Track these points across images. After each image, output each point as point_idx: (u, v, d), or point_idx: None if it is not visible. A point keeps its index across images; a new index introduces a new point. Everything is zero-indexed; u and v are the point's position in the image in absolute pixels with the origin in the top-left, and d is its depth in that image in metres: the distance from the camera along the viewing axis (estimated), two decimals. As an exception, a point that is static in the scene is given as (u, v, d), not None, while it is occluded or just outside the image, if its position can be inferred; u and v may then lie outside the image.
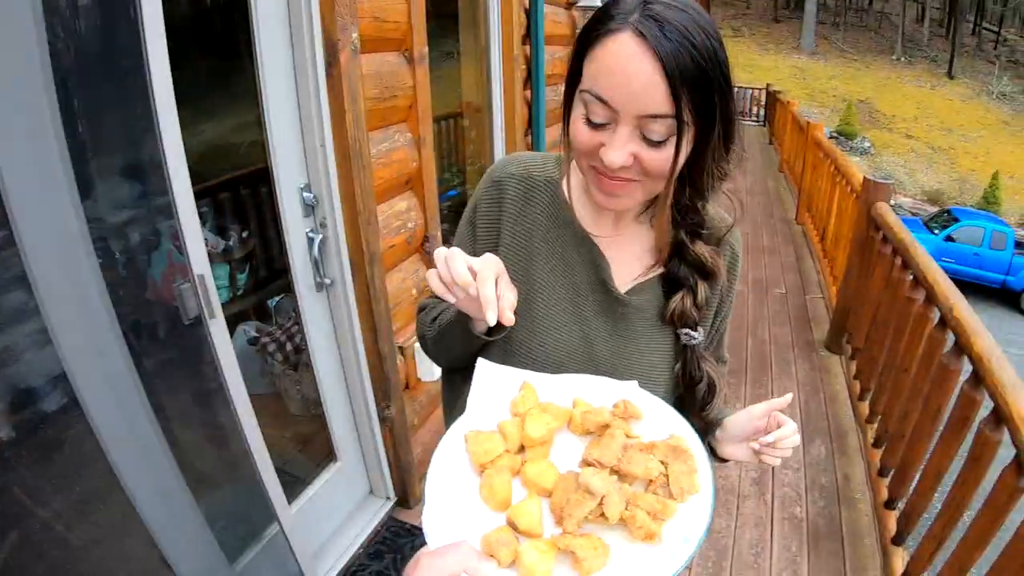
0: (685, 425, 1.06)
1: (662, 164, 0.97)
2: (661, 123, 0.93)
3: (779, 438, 1.12)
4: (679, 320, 1.18)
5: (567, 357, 1.18)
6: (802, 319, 5.66)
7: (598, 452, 0.96)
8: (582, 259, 1.19)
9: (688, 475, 0.95)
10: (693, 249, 1.16)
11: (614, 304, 1.19)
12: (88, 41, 1.71)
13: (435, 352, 1.32)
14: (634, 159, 0.97)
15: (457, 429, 1.03)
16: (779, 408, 1.14)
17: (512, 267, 1.18)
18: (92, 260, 1.64)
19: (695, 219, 1.17)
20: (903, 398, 3.04)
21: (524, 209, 1.22)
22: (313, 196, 2.32)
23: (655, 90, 0.90)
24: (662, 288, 1.21)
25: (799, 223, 8.67)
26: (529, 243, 1.21)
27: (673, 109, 0.91)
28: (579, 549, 0.84)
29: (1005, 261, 15.88)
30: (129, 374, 1.78)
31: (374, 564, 2.75)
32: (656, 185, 1.03)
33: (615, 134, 0.96)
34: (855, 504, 3.30)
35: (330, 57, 2.14)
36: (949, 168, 28.92)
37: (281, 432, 3.27)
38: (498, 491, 0.92)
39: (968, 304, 2.66)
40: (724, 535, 3.08)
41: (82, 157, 1.65)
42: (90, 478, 1.78)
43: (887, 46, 40.88)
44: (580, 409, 1.06)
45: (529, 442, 1.00)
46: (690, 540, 0.88)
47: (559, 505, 0.91)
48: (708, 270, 1.17)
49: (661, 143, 0.96)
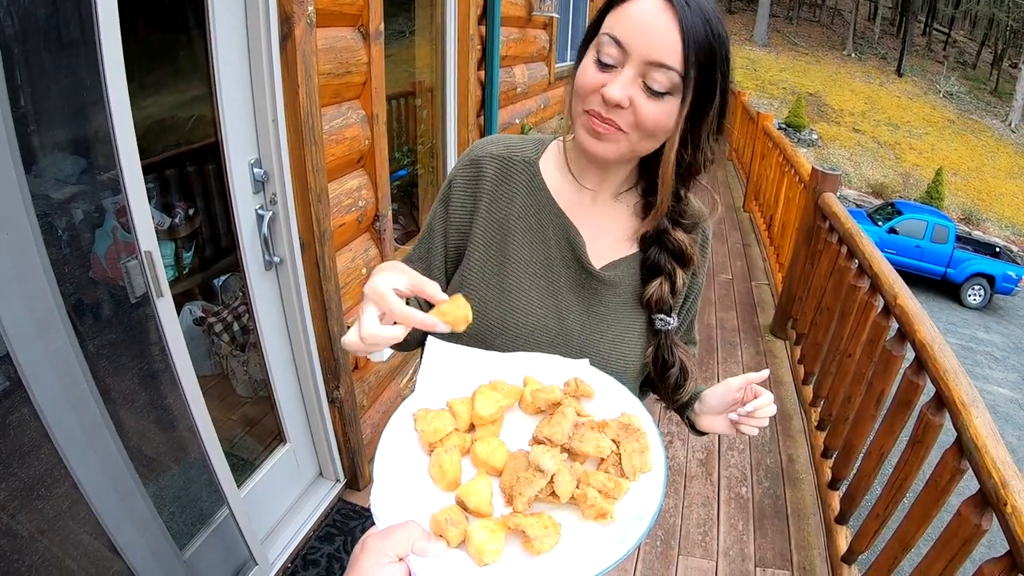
0: (637, 403, 1.06)
1: (654, 118, 1.02)
2: (665, 75, 0.98)
3: (757, 407, 1.14)
4: (656, 306, 1.22)
5: (539, 331, 1.20)
6: (748, 305, 5.75)
7: (549, 430, 0.95)
8: (557, 236, 1.21)
9: (640, 453, 0.95)
10: (675, 236, 1.19)
11: (587, 280, 1.21)
12: (35, 7, 1.65)
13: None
14: (630, 103, 1.01)
15: (406, 408, 1.03)
16: (756, 381, 1.16)
17: (488, 242, 1.22)
18: (36, 237, 1.58)
19: (677, 207, 1.20)
20: (847, 382, 3.12)
21: (502, 187, 1.23)
22: (263, 172, 2.27)
23: (669, 41, 0.96)
24: (640, 272, 1.24)
25: (746, 211, 8.80)
26: (506, 219, 1.22)
27: (681, 65, 0.97)
28: (530, 528, 0.83)
29: (946, 254, 16.32)
30: (74, 355, 1.72)
31: (325, 547, 2.73)
32: (642, 144, 1.07)
33: (620, 74, 1.00)
34: (799, 484, 3.37)
35: (285, 30, 2.10)
36: (894, 163, 29.48)
37: (228, 414, 3.23)
38: (447, 470, 0.91)
39: (911, 293, 2.73)
40: (672, 514, 3.12)
41: (26, 129, 1.59)
42: (35, 464, 1.73)
43: (838, 42, 41.46)
44: (531, 387, 1.05)
45: (479, 420, 1.00)
46: (643, 518, 0.88)
47: (509, 484, 0.90)
48: (687, 258, 1.21)
49: (660, 96, 1.00)
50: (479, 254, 1.23)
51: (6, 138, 1.45)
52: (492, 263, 1.21)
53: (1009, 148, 31.60)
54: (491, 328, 1.20)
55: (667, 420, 3.91)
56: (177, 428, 2.26)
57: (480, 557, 0.80)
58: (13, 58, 1.51)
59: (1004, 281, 16.20)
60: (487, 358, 1.14)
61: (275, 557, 2.61)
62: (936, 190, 24.12)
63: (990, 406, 2.02)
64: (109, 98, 1.58)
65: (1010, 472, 1.79)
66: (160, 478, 2.27)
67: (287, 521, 2.80)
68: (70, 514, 1.83)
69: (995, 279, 16.20)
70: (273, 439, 2.85)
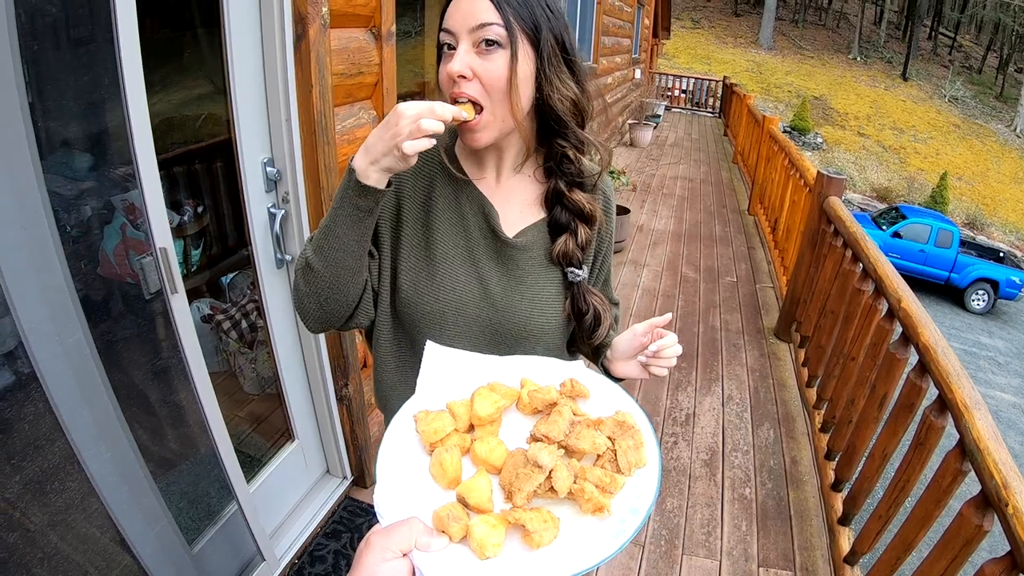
0: (631, 401, 1.09)
1: (494, 73, 1.13)
2: (489, 30, 1.11)
3: (661, 347, 1.21)
4: (564, 260, 1.32)
5: (466, 297, 1.29)
6: (752, 307, 5.76)
7: (546, 428, 0.98)
8: (473, 209, 1.32)
9: (635, 449, 0.97)
10: (571, 196, 1.30)
11: (503, 247, 1.31)
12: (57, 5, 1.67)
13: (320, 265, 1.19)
14: (474, 73, 1.13)
15: (407, 410, 1.05)
16: (660, 325, 1.23)
17: (413, 222, 1.32)
18: (53, 233, 1.60)
19: (571, 169, 1.30)
20: (850, 385, 3.13)
21: (423, 169, 1.32)
22: (276, 171, 2.29)
23: (481, 5, 1.11)
24: (548, 232, 1.34)
25: (751, 214, 8.79)
26: (428, 199, 1.32)
27: (499, 17, 1.11)
28: (529, 522, 0.85)
29: (950, 259, 16.29)
30: (89, 349, 1.74)
31: (331, 543, 2.75)
32: (502, 106, 1.16)
33: (456, 51, 1.13)
34: (803, 486, 3.39)
35: (299, 30, 2.12)
36: (899, 167, 29.49)
37: (235, 411, 3.24)
38: (448, 468, 0.94)
39: (915, 297, 2.75)
40: (676, 515, 3.14)
41: (43, 126, 1.61)
42: (48, 456, 1.75)
43: (844, 45, 41.45)
44: (528, 389, 1.08)
45: (478, 421, 1.03)
46: (639, 511, 0.90)
47: (508, 481, 0.92)
48: (587, 215, 1.31)
49: (493, 47, 1.12)
50: (408, 234, 1.31)
51: (24, 134, 1.47)
52: (419, 241, 1.31)
53: (1014, 153, 31.59)
54: (422, 298, 1.29)
55: (671, 422, 3.93)
56: (188, 424, 2.28)
57: (481, 551, 0.82)
58: (32, 55, 1.53)
59: (1008, 286, 16.16)
60: (484, 361, 1.18)
61: (282, 553, 2.62)
62: (941, 194, 24.11)
63: (993, 411, 2.03)
64: (126, 96, 1.60)
65: (1011, 474, 1.81)
66: (170, 473, 2.29)
67: (294, 517, 2.81)
68: (82, 507, 1.84)
69: (999, 284, 16.15)
70: (281, 436, 2.87)
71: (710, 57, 38.03)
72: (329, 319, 1.27)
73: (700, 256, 7.08)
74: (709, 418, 4.00)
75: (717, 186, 10.78)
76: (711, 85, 21.32)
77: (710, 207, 9.30)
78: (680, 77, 22.17)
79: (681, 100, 21.67)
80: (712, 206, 9.37)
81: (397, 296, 1.32)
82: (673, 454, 3.62)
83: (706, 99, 21.32)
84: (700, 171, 11.91)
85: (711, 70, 32.47)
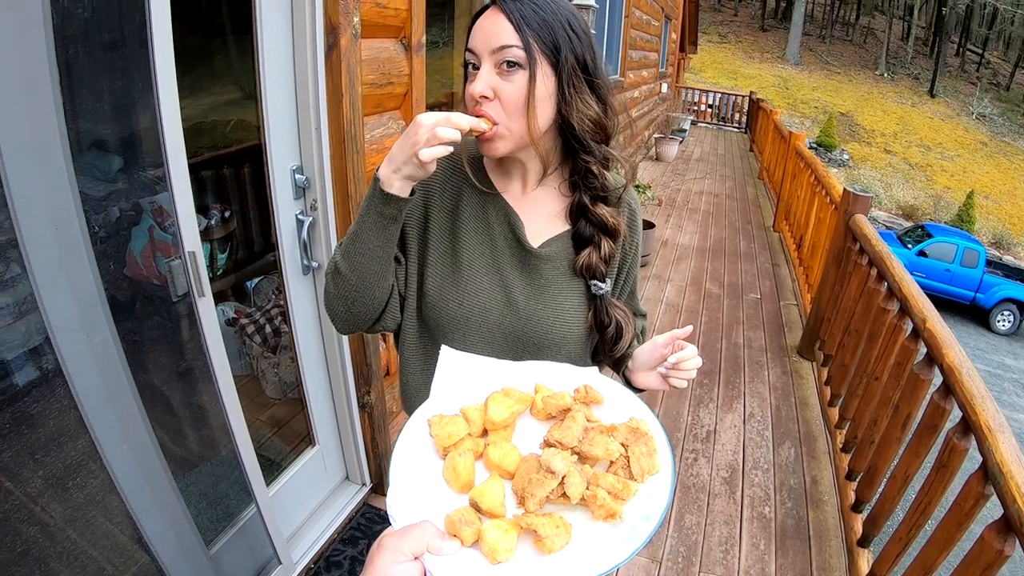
0: (645, 408, 1.10)
1: (514, 94, 1.16)
2: (509, 52, 1.14)
3: (681, 359, 1.24)
4: (588, 272, 1.34)
5: (489, 304, 1.31)
6: (776, 324, 5.73)
7: (559, 434, 0.98)
8: (499, 219, 1.34)
9: (648, 456, 0.97)
10: (595, 210, 1.32)
11: (527, 257, 1.34)
12: (92, 9, 1.70)
13: (348, 269, 1.25)
14: (495, 93, 1.16)
15: (421, 414, 1.06)
16: (680, 337, 1.26)
17: (440, 230, 1.35)
18: (84, 233, 1.63)
19: (595, 183, 1.31)
20: (873, 405, 3.11)
21: (449, 180, 1.36)
22: (305, 178, 2.32)
23: (503, 28, 1.14)
24: (572, 244, 1.36)
25: (776, 230, 8.74)
26: (456, 207, 1.35)
27: (519, 40, 1.14)
28: (541, 527, 0.85)
29: (976, 279, 16.08)
30: (115, 348, 1.77)
31: (348, 549, 2.76)
32: (520, 125, 1.19)
33: (479, 72, 1.17)
34: (822, 506, 3.36)
35: (331, 40, 2.14)
36: (925, 185, 29.23)
37: (256, 415, 3.27)
38: (461, 473, 0.94)
39: (941, 317, 2.72)
40: (695, 532, 3.12)
41: (79, 126, 1.64)
42: (71, 452, 1.77)
43: (871, 61, 41.23)
44: (542, 394, 1.09)
45: (492, 425, 1.03)
46: (651, 518, 0.90)
47: (521, 486, 0.93)
48: (610, 228, 1.33)
49: (513, 69, 1.15)
50: (435, 241, 1.35)
51: (58, 136, 1.50)
52: (446, 248, 1.34)
53: (1043, 172, 31.19)
54: (447, 304, 1.31)
55: (692, 438, 3.91)
56: (210, 425, 2.30)
57: (493, 555, 0.82)
58: (67, 59, 1.55)
59: (1035, 307, 15.94)
60: (499, 366, 1.19)
61: (299, 557, 2.63)
62: (967, 213, 23.84)
63: (1017, 434, 2.01)
64: (159, 101, 1.62)
65: (1035, 499, 1.79)
66: (191, 473, 2.31)
67: (312, 522, 2.82)
68: (103, 503, 1.87)
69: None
70: (302, 441, 2.89)
71: (737, 72, 37.94)
72: (356, 321, 1.32)
73: (724, 272, 7.05)
74: (730, 435, 3.98)
75: (742, 202, 10.74)
76: (737, 100, 21.27)
77: (735, 223, 9.26)
78: (707, 92, 22.15)
79: (707, 115, 21.63)
80: (737, 222, 9.33)
81: (423, 301, 1.35)
82: (693, 471, 3.60)
83: (732, 114, 21.26)
84: (725, 186, 11.87)
85: (737, 85, 32.43)
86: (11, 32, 1.39)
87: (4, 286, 1.58)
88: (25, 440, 1.67)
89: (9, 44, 1.39)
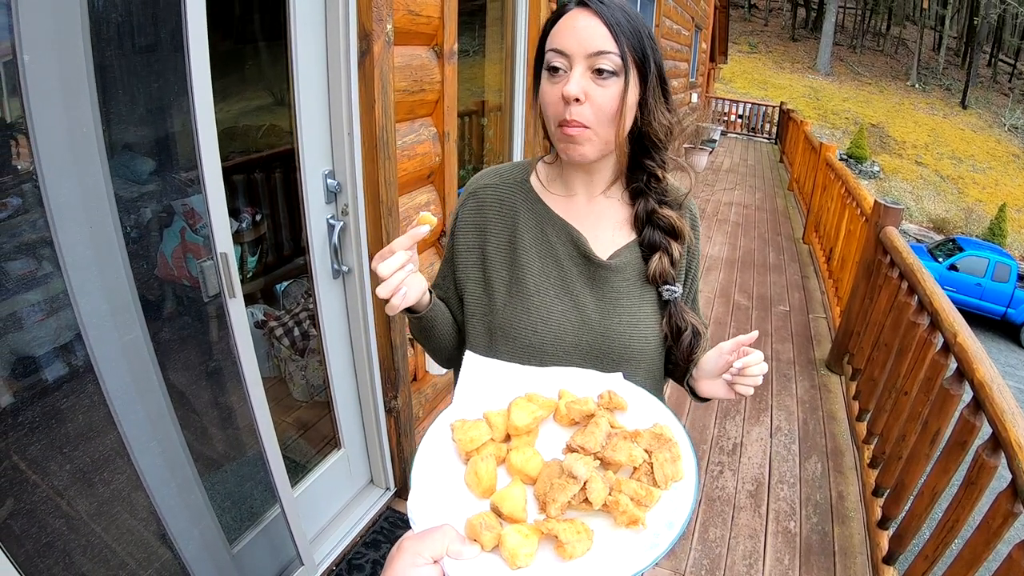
0: (669, 414, 1.09)
1: (609, 101, 1.16)
2: (607, 58, 1.14)
3: (746, 364, 1.21)
4: (660, 278, 1.33)
5: (564, 327, 1.29)
6: (804, 337, 5.68)
7: (582, 439, 0.98)
8: (560, 238, 1.34)
9: (672, 463, 0.96)
10: (662, 213, 1.33)
11: (596, 270, 1.32)
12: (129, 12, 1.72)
13: (424, 347, 1.47)
14: (587, 96, 1.15)
15: (444, 419, 1.06)
16: (746, 343, 1.23)
17: (502, 262, 1.35)
18: (118, 232, 1.65)
19: (659, 187, 1.34)
20: (901, 420, 3.07)
21: (503, 209, 1.37)
22: (337, 183, 2.34)
23: (600, 33, 1.14)
24: (640, 253, 1.35)
25: (806, 242, 8.67)
26: (513, 235, 1.35)
27: (616, 47, 1.14)
28: (562, 533, 0.85)
29: (1007, 293, 15.82)
30: (146, 346, 1.79)
31: (371, 553, 2.76)
32: (608, 131, 1.20)
33: (571, 73, 1.16)
34: (848, 522, 3.32)
35: (364, 47, 2.16)
36: (957, 197, 28.87)
37: (283, 417, 3.30)
38: (483, 478, 0.94)
39: (972, 332, 2.69)
40: (719, 545, 3.10)
41: (114, 129, 1.67)
42: (99, 448, 1.79)
43: (902, 72, 40.85)
44: (565, 400, 1.09)
45: (515, 431, 1.03)
46: (674, 525, 0.90)
47: (543, 491, 0.92)
48: (677, 231, 1.34)
49: (609, 76, 1.15)
50: (497, 273, 1.35)
51: (95, 136, 1.53)
52: (510, 279, 1.34)
53: (1076, 186, 30.69)
54: (518, 333, 1.31)
55: (717, 450, 3.89)
56: (237, 426, 2.32)
57: (513, 560, 0.82)
58: (103, 61, 1.58)
59: (1067, 324, 15.68)
60: (522, 372, 1.19)
61: (321, 559, 2.65)
62: (999, 227, 23.50)
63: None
64: (194, 105, 1.65)
65: (1067, 518, 1.76)
66: (217, 472, 2.33)
67: (335, 525, 2.83)
68: (129, 499, 1.89)
69: (1057, 321, 15.69)
70: (328, 443, 2.90)
71: (767, 82, 37.75)
72: (449, 360, 1.51)
73: (753, 284, 7.00)
74: (756, 448, 3.95)
75: (772, 213, 10.66)
76: (767, 111, 21.11)
77: (764, 234, 9.19)
78: (736, 102, 21.99)
79: (737, 125, 21.48)
80: (766, 233, 9.27)
81: (494, 335, 1.34)
82: (718, 483, 3.58)
83: (762, 124, 21.10)
84: (755, 197, 11.79)
85: (767, 95, 32.23)
86: (50, 37, 1.42)
87: (38, 283, 1.59)
88: (55, 434, 1.69)
89: (48, 48, 1.42)
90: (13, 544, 1.58)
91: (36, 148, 1.44)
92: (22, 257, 1.57)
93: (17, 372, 1.64)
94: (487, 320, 1.35)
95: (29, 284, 1.59)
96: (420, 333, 1.41)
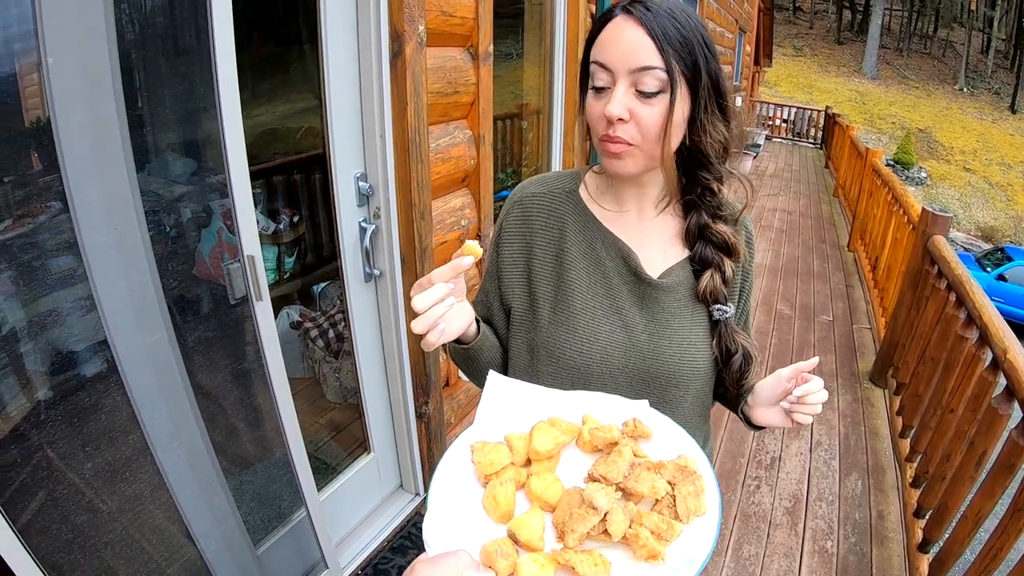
0: (694, 446, 1.05)
1: (656, 119, 1.10)
2: (652, 75, 1.07)
3: (806, 392, 1.15)
4: (711, 297, 1.26)
5: (611, 348, 1.24)
6: (848, 349, 5.56)
7: (604, 468, 0.95)
8: (610, 254, 1.27)
9: (695, 496, 0.93)
10: (716, 228, 1.25)
11: (647, 289, 1.26)
12: (154, 15, 1.72)
13: (462, 371, 1.42)
14: (631, 115, 1.09)
15: (464, 440, 1.04)
16: (806, 370, 1.16)
17: (549, 275, 1.29)
18: (144, 233, 1.66)
19: (713, 201, 1.27)
20: (947, 439, 2.97)
21: (550, 220, 1.31)
22: (369, 186, 2.32)
23: (644, 46, 1.07)
24: (692, 269, 1.29)
25: (851, 250, 8.53)
26: (560, 249, 1.29)
27: (662, 62, 1.07)
28: (579, 564, 0.82)
29: (1058, 305, 15.46)
30: (171, 348, 1.80)
31: (397, 558, 2.74)
32: (655, 149, 1.13)
33: (614, 92, 1.09)
34: (888, 543, 3.23)
35: (395, 48, 2.15)
36: (1006, 205, 28.28)
37: (315, 418, 3.30)
38: (501, 503, 0.92)
39: (1023, 348, 2.59)
40: (752, 562, 3.03)
41: (141, 129, 1.67)
42: (123, 447, 1.80)
43: (950, 75, 40.17)
44: (589, 426, 1.05)
45: (536, 456, 1.00)
46: (694, 562, 0.87)
47: (562, 520, 0.90)
48: (731, 247, 1.27)
49: (654, 95, 1.09)
50: (543, 289, 1.29)
51: (119, 138, 1.53)
52: (555, 296, 1.28)
53: None
54: (563, 353, 1.25)
55: (755, 464, 3.81)
56: (264, 428, 2.31)
57: None
58: (131, 63, 1.58)
59: (1122, 339, 15.22)
60: (547, 395, 1.15)
61: (347, 563, 2.64)
62: (1050, 236, 22.98)
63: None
64: (221, 106, 1.64)
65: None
66: (242, 474, 2.33)
67: (362, 529, 2.83)
68: (151, 499, 1.90)
69: (1112, 336, 15.24)
70: (357, 447, 2.90)
71: (812, 86, 37.35)
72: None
73: (796, 292, 6.90)
74: (795, 463, 3.86)
75: (816, 219, 10.51)
76: (813, 115, 20.88)
77: (808, 241, 9.06)
78: (781, 106, 21.79)
79: (782, 130, 21.28)
80: (810, 240, 9.13)
81: (537, 353, 1.30)
82: (755, 499, 3.50)
83: (807, 129, 20.87)
84: (799, 203, 11.66)
85: (812, 99, 31.91)
86: (75, 41, 1.42)
87: (63, 284, 1.60)
88: (79, 433, 1.70)
89: (73, 53, 1.42)
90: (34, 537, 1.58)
91: (60, 150, 1.44)
92: (47, 259, 1.57)
93: (45, 370, 1.64)
94: (529, 338, 1.30)
95: (54, 285, 1.59)
96: (463, 362, 1.35)
